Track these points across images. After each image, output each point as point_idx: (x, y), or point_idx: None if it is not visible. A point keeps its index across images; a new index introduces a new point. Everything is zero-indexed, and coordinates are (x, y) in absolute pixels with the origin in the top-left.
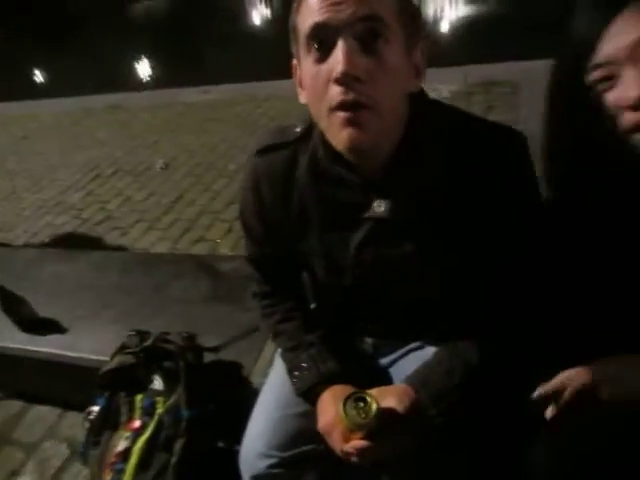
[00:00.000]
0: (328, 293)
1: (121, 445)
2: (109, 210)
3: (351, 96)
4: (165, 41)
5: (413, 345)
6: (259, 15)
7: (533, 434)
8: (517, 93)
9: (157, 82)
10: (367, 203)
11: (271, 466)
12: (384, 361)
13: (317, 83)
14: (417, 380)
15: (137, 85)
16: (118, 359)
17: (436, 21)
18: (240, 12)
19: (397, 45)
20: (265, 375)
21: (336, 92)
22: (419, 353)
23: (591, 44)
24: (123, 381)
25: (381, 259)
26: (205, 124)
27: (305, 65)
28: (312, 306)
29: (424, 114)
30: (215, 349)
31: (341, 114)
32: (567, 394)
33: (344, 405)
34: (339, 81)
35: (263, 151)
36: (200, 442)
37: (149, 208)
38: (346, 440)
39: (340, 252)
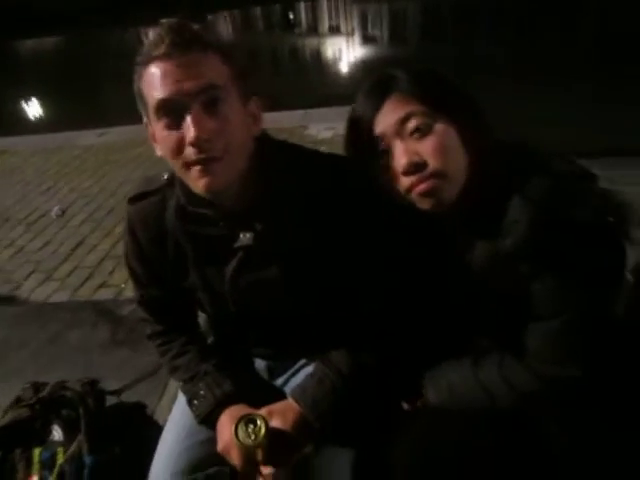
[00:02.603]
0: (220, 324)
1: None
2: None
3: (203, 155)
4: (54, 82)
5: (301, 363)
6: None
7: (396, 435)
8: None
9: (47, 125)
10: (233, 236)
11: None
12: (279, 381)
13: (171, 145)
14: (297, 393)
15: (25, 129)
16: (11, 414)
17: (335, 63)
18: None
19: (234, 103)
20: (170, 411)
21: (191, 152)
22: (307, 369)
23: (369, 122)
24: (18, 437)
25: (253, 284)
26: (103, 167)
27: (157, 128)
28: (210, 340)
29: (270, 154)
30: (117, 392)
31: (196, 167)
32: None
33: (236, 429)
34: (193, 144)
35: (134, 199)
36: None
37: (45, 258)
38: (244, 458)
39: (218, 283)
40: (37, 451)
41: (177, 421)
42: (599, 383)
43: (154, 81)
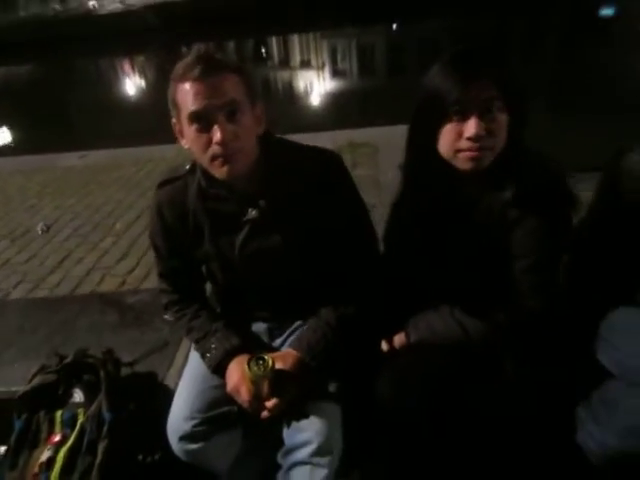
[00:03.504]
0: (227, 290)
1: (44, 456)
2: None
3: (227, 151)
4: (33, 106)
5: (297, 324)
6: (132, 84)
7: (380, 371)
8: (377, 152)
9: (26, 147)
10: (243, 212)
11: (195, 425)
12: (278, 341)
13: (200, 144)
14: (294, 342)
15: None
16: (38, 379)
17: (307, 94)
18: (113, 80)
19: (247, 111)
20: (179, 377)
21: (217, 149)
22: (302, 329)
23: (452, 91)
24: (43, 400)
25: (258, 251)
26: (87, 187)
27: (188, 130)
28: (217, 310)
29: (272, 148)
30: (130, 364)
31: (220, 159)
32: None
33: (248, 363)
34: (219, 144)
35: (162, 184)
36: (122, 443)
37: (32, 270)
38: (251, 395)
39: (229, 251)
40: (59, 412)
41: (190, 376)
42: (544, 332)
43: (188, 96)
